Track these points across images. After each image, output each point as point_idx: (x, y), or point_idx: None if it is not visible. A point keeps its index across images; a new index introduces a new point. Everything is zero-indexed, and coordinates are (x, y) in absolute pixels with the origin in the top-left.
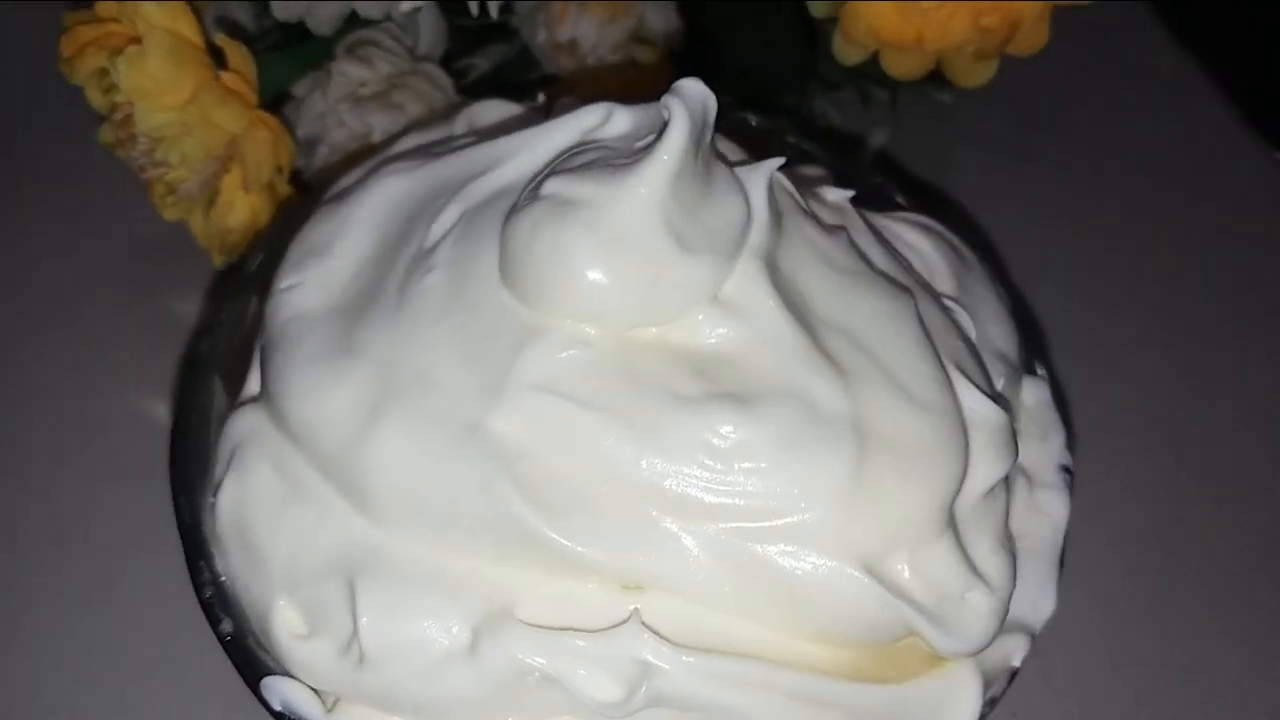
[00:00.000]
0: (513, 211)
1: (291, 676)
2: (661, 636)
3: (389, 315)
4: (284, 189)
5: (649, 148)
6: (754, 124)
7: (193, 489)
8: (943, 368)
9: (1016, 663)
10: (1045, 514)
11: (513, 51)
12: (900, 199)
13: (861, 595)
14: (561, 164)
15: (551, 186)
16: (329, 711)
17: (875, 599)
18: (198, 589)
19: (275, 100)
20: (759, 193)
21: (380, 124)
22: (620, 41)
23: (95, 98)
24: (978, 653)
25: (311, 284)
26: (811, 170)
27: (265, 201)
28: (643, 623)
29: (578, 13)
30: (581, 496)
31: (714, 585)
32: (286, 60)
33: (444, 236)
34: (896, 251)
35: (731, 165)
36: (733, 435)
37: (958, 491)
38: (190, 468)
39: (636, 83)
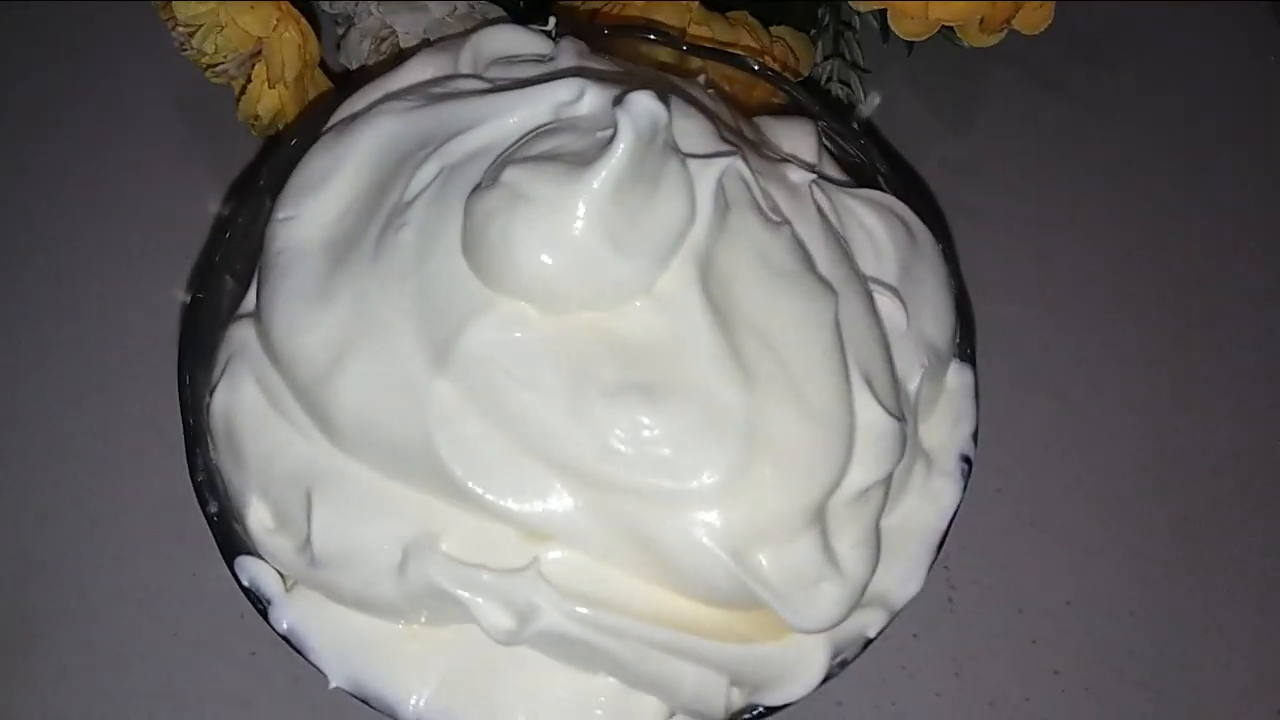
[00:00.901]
0: (475, 191)
1: (261, 558)
2: (552, 585)
3: (365, 263)
4: (321, 83)
5: (595, 157)
6: (755, 69)
7: (196, 383)
8: (845, 377)
9: (872, 634)
10: (936, 499)
11: None
12: (879, 167)
13: (722, 574)
14: (527, 143)
15: (510, 175)
16: (287, 591)
17: (734, 579)
18: (192, 472)
19: None
20: (705, 192)
21: (403, 24)
22: None
23: None
24: (824, 631)
25: (304, 218)
26: (800, 125)
27: (294, 94)
28: (539, 571)
29: None
30: (502, 458)
31: (603, 544)
32: None
33: (420, 193)
34: (843, 240)
35: (688, 157)
36: (637, 423)
37: (829, 495)
38: (196, 363)
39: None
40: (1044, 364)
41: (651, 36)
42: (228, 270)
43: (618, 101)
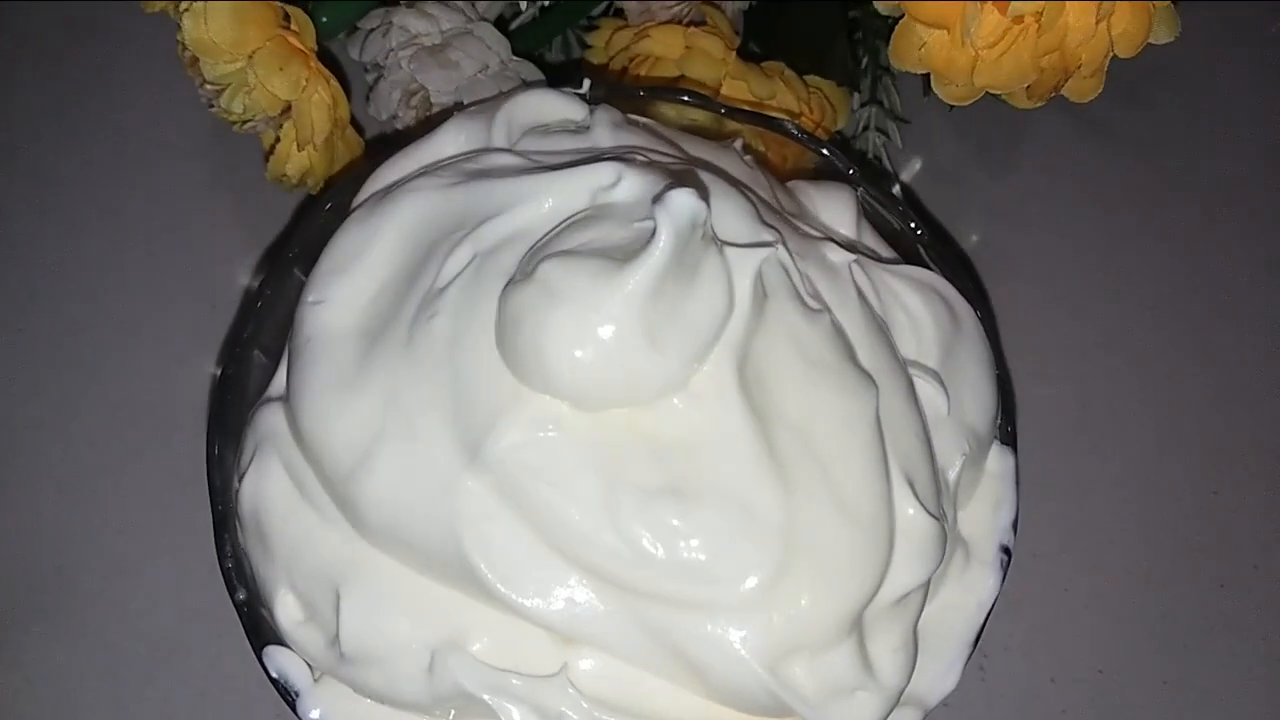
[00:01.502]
0: (510, 284)
1: (288, 648)
2: (582, 693)
3: (397, 351)
4: (352, 142)
5: (634, 257)
6: (795, 133)
7: (225, 465)
8: (886, 478)
9: None
10: (974, 590)
11: None
12: (920, 234)
13: (756, 686)
14: (562, 233)
15: (545, 270)
16: (315, 681)
17: (766, 690)
18: (220, 558)
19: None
20: (744, 284)
21: (435, 82)
22: None
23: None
24: None
25: (334, 302)
26: (839, 192)
27: (324, 155)
28: (569, 679)
29: None
30: (532, 559)
31: (634, 650)
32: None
33: (453, 280)
34: (883, 324)
35: (726, 246)
36: (671, 528)
37: (868, 603)
38: (225, 444)
39: (695, 45)
40: (1082, 427)
41: (686, 98)
42: (256, 345)
43: (657, 199)
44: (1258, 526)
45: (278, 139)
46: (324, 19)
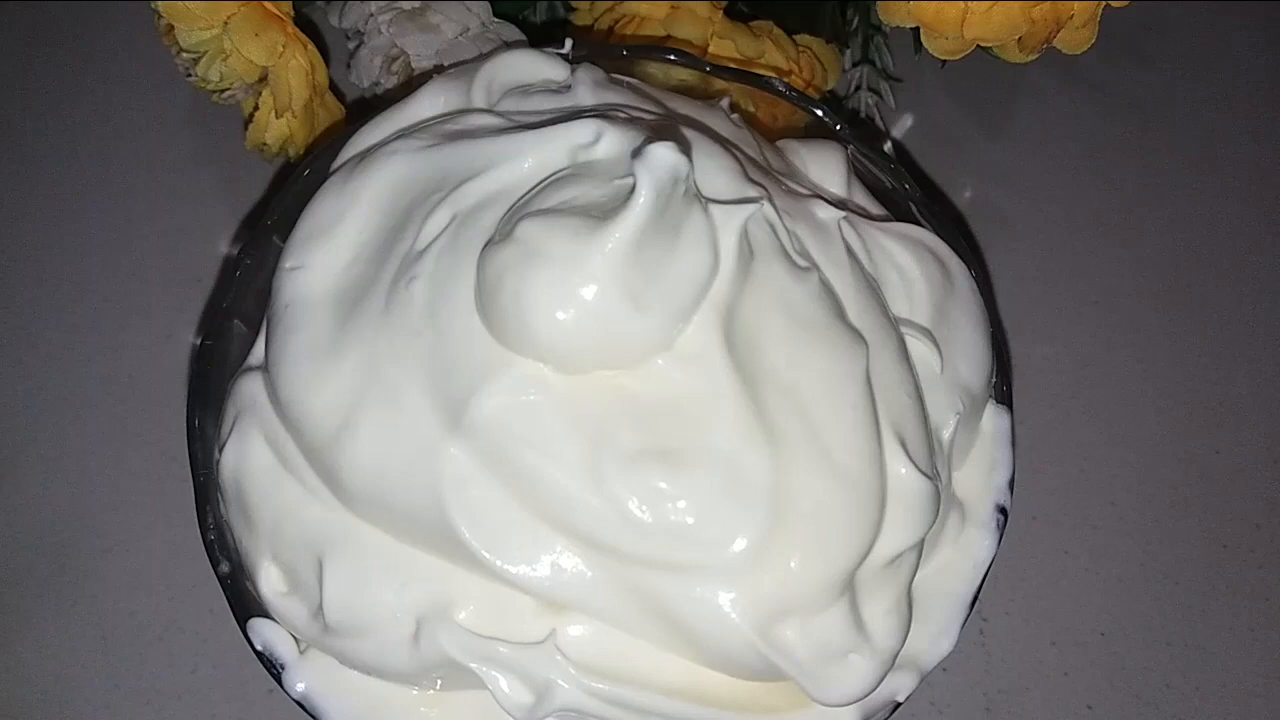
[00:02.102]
0: (489, 245)
1: (273, 620)
2: (570, 660)
3: (376, 317)
4: (331, 108)
5: (613, 211)
6: (783, 90)
7: (206, 436)
8: (877, 437)
9: (901, 698)
10: (970, 552)
11: None
12: (911, 193)
13: (747, 649)
14: (542, 192)
15: (524, 229)
16: (301, 654)
17: (759, 654)
18: (202, 531)
19: None
20: (729, 242)
21: (415, 46)
22: None
23: None
24: (852, 704)
25: (312, 267)
26: (829, 150)
27: (303, 121)
28: (557, 645)
29: None
30: (516, 525)
31: (623, 615)
32: None
33: (432, 243)
34: (874, 282)
35: (710, 203)
36: (657, 491)
37: (859, 564)
38: (205, 415)
39: (681, 5)
40: (1080, 387)
41: (672, 57)
42: (236, 314)
43: (636, 153)
44: (1260, 486)
45: (257, 107)
46: None
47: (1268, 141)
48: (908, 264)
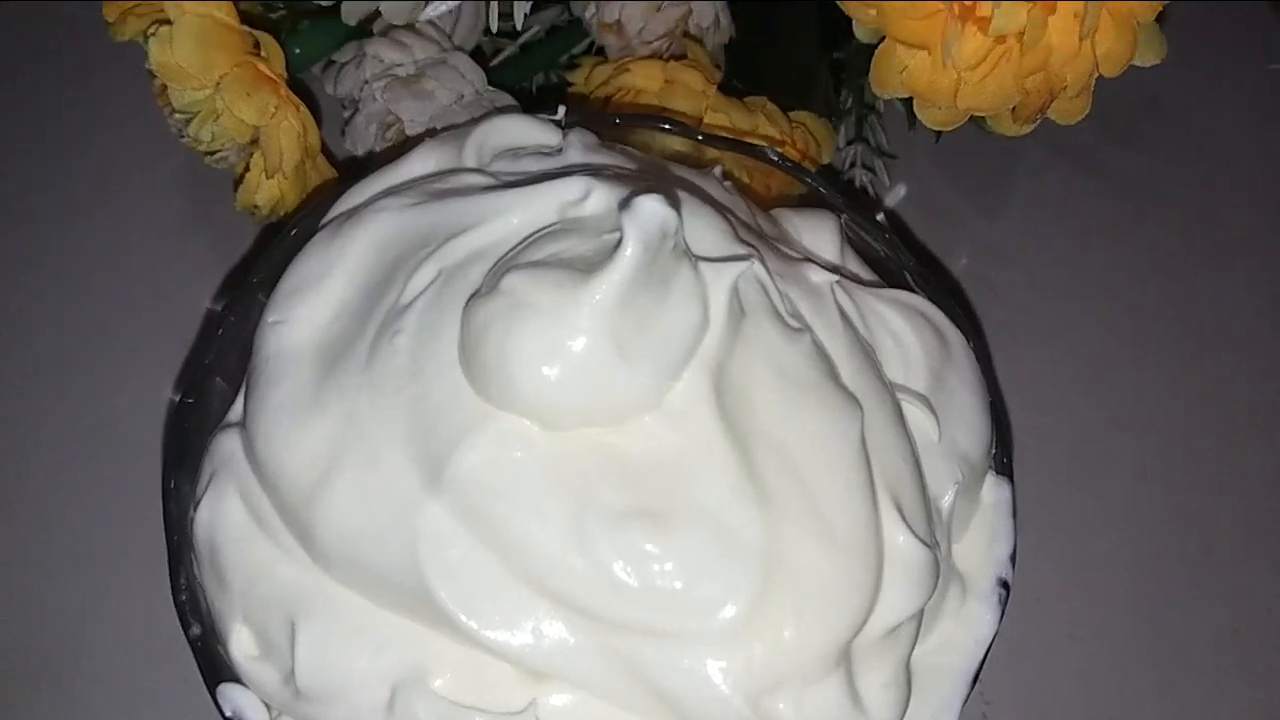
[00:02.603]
0: (473, 298)
1: (244, 685)
2: None
3: (357, 372)
4: (323, 170)
5: (601, 264)
6: (774, 159)
7: (181, 495)
8: (873, 501)
9: None
10: (971, 627)
11: (563, 19)
12: (906, 262)
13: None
14: (529, 247)
15: (509, 281)
16: None
17: None
18: (174, 591)
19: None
20: (720, 299)
21: (409, 112)
22: (667, 31)
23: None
24: None
25: (295, 322)
26: (822, 218)
27: (294, 183)
28: (536, 716)
29: None
30: (496, 587)
31: (607, 685)
32: (325, 32)
33: (417, 297)
34: (868, 347)
35: (700, 261)
36: (644, 553)
37: (855, 634)
38: (181, 473)
39: (676, 79)
40: (1082, 461)
41: (665, 126)
42: (217, 372)
43: (624, 205)
44: (1273, 568)
45: (248, 168)
46: (297, 50)
47: (1265, 223)
48: (903, 330)
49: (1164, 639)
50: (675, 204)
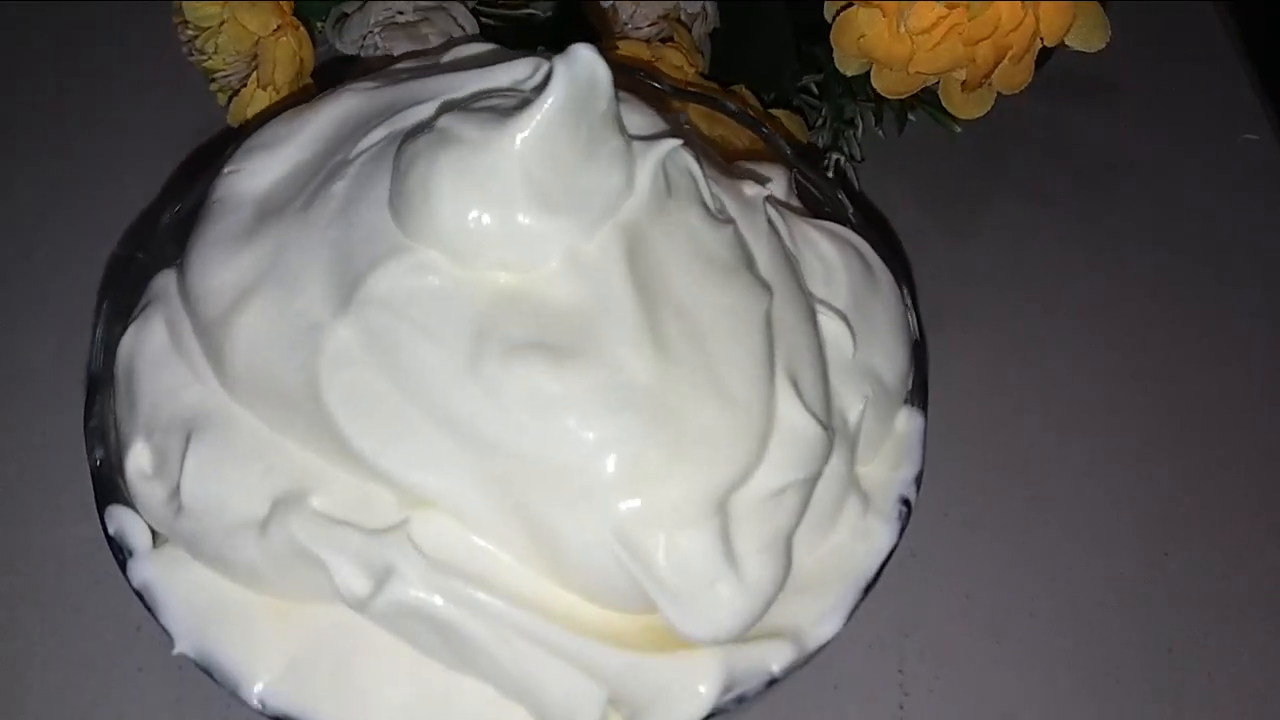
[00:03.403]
0: (407, 136)
1: (134, 509)
2: (419, 549)
3: (293, 212)
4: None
5: (528, 103)
6: (734, 110)
7: (111, 336)
8: (769, 374)
9: (776, 669)
10: (868, 539)
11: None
12: (851, 213)
13: (608, 561)
14: (470, 100)
15: (443, 120)
16: (154, 547)
17: (620, 567)
18: (86, 418)
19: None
20: (645, 171)
21: (402, 51)
22: (656, 17)
23: None
24: (715, 642)
25: (248, 173)
26: (771, 167)
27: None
28: (408, 533)
29: None
30: (389, 411)
31: (485, 517)
32: None
33: (363, 153)
34: (792, 259)
35: (634, 139)
36: (536, 385)
37: (736, 485)
38: (114, 318)
39: (660, 56)
40: (1021, 468)
41: (639, 74)
42: (172, 239)
43: (560, 53)
44: (1211, 593)
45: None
46: None
47: (1230, 284)
48: (830, 254)
49: (1093, 653)
50: (610, 64)
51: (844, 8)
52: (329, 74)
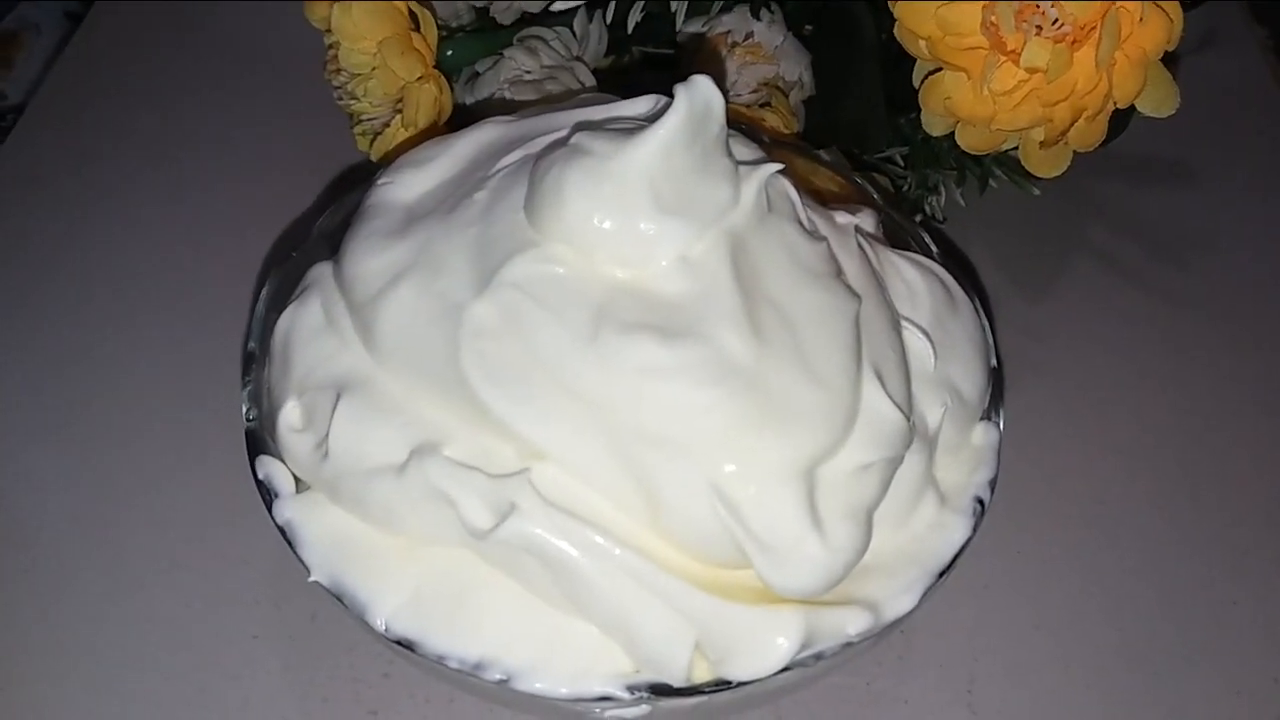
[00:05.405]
0: (543, 151)
1: (281, 460)
2: (536, 489)
3: (440, 215)
4: None
5: (651, 123)
6: (825, 160)
7: (269, 317)
8: (857, 364)
9: (852, 632)
10: (944, 530)
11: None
12: (935, 251)
13: (705, 514)
14: (600, 125)
15: (576, 137)
16: (297, 492)
17: (716, 520)
18: (244, 382)
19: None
20: (750, 187)
21: None
22: (758, 84)
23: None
24: (800, 595)
25: (399, 184)
26: (861, 210)
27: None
28: (528, 478)
29: (724, 51)
30: (519, 375)
31: (596, 470)
32: (475, 41)
33: (502, 170)
34: (879, 279)
35: (741, 163)
36: (646, 358)
37: (822, 457)
38: (271, 302)
39: (757, 119)
40: (1093, 510)
41: (743, 127)
42: (324, 241)
43: (682, 80)
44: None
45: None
46: (449, 52)
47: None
48: (914, 279)
49: (1163, 698)
50: (725, 104)
51: (932, 72)
52: (455, 124)
